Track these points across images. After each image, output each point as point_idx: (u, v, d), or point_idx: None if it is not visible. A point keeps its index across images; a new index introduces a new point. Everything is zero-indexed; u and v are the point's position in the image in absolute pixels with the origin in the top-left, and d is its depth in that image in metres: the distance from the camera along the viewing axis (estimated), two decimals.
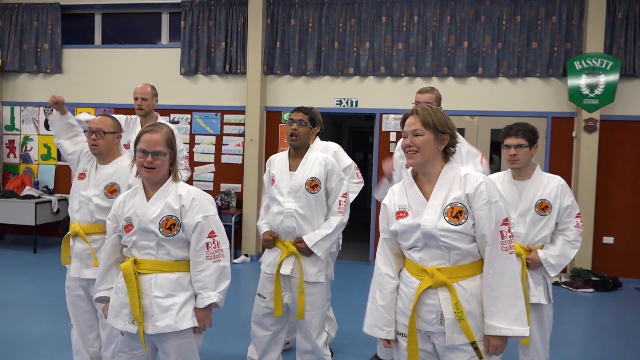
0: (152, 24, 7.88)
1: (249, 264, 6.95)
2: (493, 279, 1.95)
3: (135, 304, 2.23)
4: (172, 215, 2.28)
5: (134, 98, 4.11)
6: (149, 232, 2.28)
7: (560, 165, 6.56)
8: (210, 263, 2.29)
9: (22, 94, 7.97)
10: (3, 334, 4.16)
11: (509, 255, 1.97)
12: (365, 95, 7.07)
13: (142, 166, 2.27)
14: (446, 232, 1.97)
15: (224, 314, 2.58)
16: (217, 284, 2.30)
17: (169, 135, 2.33)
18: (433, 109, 2.08)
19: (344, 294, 5.32)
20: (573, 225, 2.90)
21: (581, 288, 6.08)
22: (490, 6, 6.66)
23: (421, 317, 2.05)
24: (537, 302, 2.85)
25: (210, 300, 2.28)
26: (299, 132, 3.06)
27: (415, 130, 2.03)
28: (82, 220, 2.99)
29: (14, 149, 8.03)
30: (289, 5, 7.11)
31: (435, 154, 2.05)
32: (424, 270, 2.02)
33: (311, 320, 3.06)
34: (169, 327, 2.25)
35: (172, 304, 2.26)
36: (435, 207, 2.01)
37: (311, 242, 3.01)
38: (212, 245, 2.30)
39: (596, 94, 6.33)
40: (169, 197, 2.31)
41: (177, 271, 2.31)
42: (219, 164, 7.46)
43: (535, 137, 2.91)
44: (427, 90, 3.56)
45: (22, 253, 7.16)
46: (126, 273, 2.26)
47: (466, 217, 1.97)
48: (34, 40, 7.76)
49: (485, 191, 1.97)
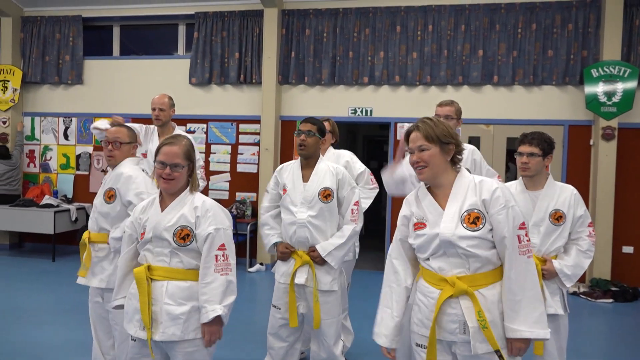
0: (169, 35, 7.99)
1: (263, 273, 6.97)
2: (513, 282, 1.96)
3: (145, 310, 2.25)
4: (186, 225, 2.30)
5: (152, 108, 4.17)
6: (163, 240, 2.31)
7: (578, 174, 6.49)
8: (217, 276, 2.27)
9: (42, 105, 8.12)
10: (22, 340, 4.21)
11: (528, 259, 1.97)
12: (380, 104, 7.08)
13: (161, 177, 2.32)
14: (465, 239, 1.97)
15: (239, 323, 2.59)
16: (222, 297, 2.27)
17: (188, 147, 2.36)
18: (434, 122, 2.08)
19: (359, 302, 5.30)
20: (586, 235, 2.88)
21: (600, 298, 5.98)
22: (505, 14, 6.65)
23: (443, 327, 2.03)
24: (554, 313, 2.81)
25: (215, 313, 2.24)
26: (307, 142, 3.08)
27: (421, 145, 2.04)
28: (90, 227, 3.08)
29: (34, 159, 8.17)
30: (303, 15, 7.17)
31: (444, 165, 2.06)
32: (444, 279, 2.02)
33: (327, 329, 3.06)
34: (175, 336, 2.26)
35: (182, 312, 2.27)
36: (452, 214, 2.02)
37: (324, 252, 3.02)
38: (222, 258, 2.29)
39: (614, 102, 6.27)
40: (185, 208, 2.34)
41: (189, 280, 2.32)
42: (234, 173, 7.51)
43: (550, 148, 2.88)
44: (447, 103, 3.56)
45: (41, 261, 7.26)
46: (138, 278, 2.29)
47: (484, 223, 1.98)
48: (55, 52, 7.91)
49: (502, 196, 1.99)
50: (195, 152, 2.47)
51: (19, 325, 4.58)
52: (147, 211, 2.41)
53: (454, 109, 3.51)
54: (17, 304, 5.19)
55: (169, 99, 4.22)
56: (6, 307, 5.09)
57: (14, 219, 7.30)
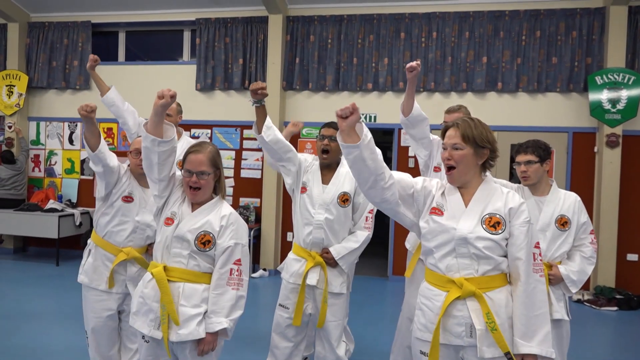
0: (174, 41, 8.04)
1: (267, 279, 6.96)
2: (527, 299, 1.95)
3: (172, 308, 2.26)
4: (210, 232, 2.32)
5: None
6: (184, 241, 2.32)
7: (582, 181, 6.48)
8: (229, 289, 2.29)
9: (48, 110, 8.17)
10: (25, 345, 4.22)
11: (540, 278, 1.98)
12: (384, 111, 7.09)
13: (188, 186, 2.34)
14: (481, 240, 1.97)
15: (242, 328, 2.60)
16: (230, 311, 2.29)
17: (213, 154, 2.38)
18: (474, 122, 2.07)
19: (363, 309, 5.30)
20: (588, 242, 2.92)
21: (605, 306, 5.95)
22: (509, 22, 6.66)
23: (448, 330, 2.00)
24: (560, 318, 2.84)
25: (221, 325, 2.26)
26: (330, 147, 3.09)
27: (455, 144, 2.04)
28: (136, 245, 3.01)
29: (39, 163, 8.21)
30: (308, 21, 7.20)
31: (474, 168, 2.06)
32: (451, 281, 2.00)
33: (333, 330, 3.08)
34: (191, 335, 2.27)
35: (197, 313, 2.28)
36: (474, 214, 2.02)
37: (338, 255, 3.05)
38: (236, 272, 2.31)
39: (618, 109, 6.26)
40: (212, 215, 2.35)
41: (204, 283, 2.33)
42: (238, 178, 7.52)
43: (546, 153, 2.92)
44: (454, 109, 3.54)
45: (45, 265, 7.28)
46: (159, 278, 2.30)
47: (503, 229, 1.98)
48: (63, 58, 7.97)
49: (527, 211, 2.01)
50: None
51: (22, 329, 4.59)
52: (179, 203, 2.39)
53: (462, 114, 3.48)
54: (20, 308, 5.20)
55: (177, 105, 4.23)
56: (10, 311, 5.11)
57: (19, 223, 7.33)
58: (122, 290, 3.00)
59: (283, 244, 7.27)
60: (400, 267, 6.79)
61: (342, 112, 1.94)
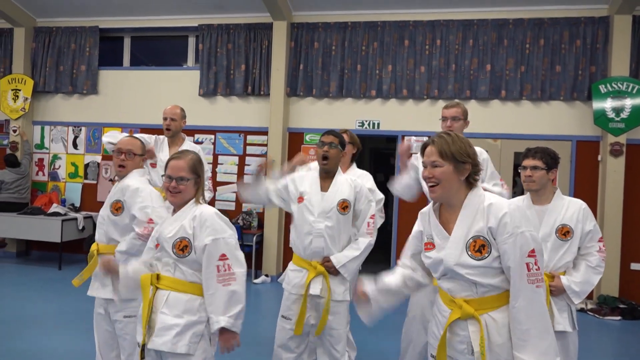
0: (179, 47, 8.08)
1: (269, 284, 6.95)
2: (520, 313, 1.86)
3: (144, 316, 2.29)
4: (185, 237, 2.32)
5: (163, 118, 4.20)
6: (165, 250, 2.36)
7: (586, 190, 6.46)
8: (219, 287, 2.26)
9: (52, 114, 8.20)
10: (27, 349, 4.22)
11: (536, 289, 1.86)
12: (387, 117, 7.10)
13: (168, 190, 2.39)
14: (468, 268, 1.92)
15: (243, 334, 2.58)
16: (226, 308, 2.26)
17: (194, 162, 2.42)
18: (452, 137, 1.99)
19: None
20: (595, 250, 2.84)
21: (608, 315, 5.92)
22: (513, 30, 6.67)
23: (453, 346, 2.01)
24: (563, 330, 2.77)
25: (219, 324, 2.24)
26: (330, 154, 3.09)
27: (434, 161, 1.97)
28: (99, 239, 3.04)
29: (43, 167, 8.24)
30: (312, 28, 7.22)
31: (457, 184, 1.98)
32: (453, 301, 1.99)
33: (338, 339, 3.07)
34: (164, 346, 2.25)
35: (175, 324, 2.26)
36: (457, 241, 1.95)
37: (339, 263, 3.03)
38: (223, 268, 2.28)
39: (622, 118, 6.25)
40: (186, 219, 2.36)
41: (190, 293, 2.32)
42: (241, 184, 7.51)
43: (554, 162, 2.88)
44: (452, 105, 3.53)
45: (48, 269, 7.28)
46: (143, 284, 2.33)
47: (489, 251, 1.90)
48: (70, 62, 8.01)
49: (510, 222, 1.87)
50: (203, 165, 2.49)
51: (24, 333, 4.59)
52: (164, 222, 2.47)
53: (460, 110, 3.48)
54: (23, 312, 5.20)
55: (181, 110, 4.25)
56: (12, 314, 5.11)
57: (22, 227, 7.34)
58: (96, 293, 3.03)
59: (285, 250, 7.26)
60: None
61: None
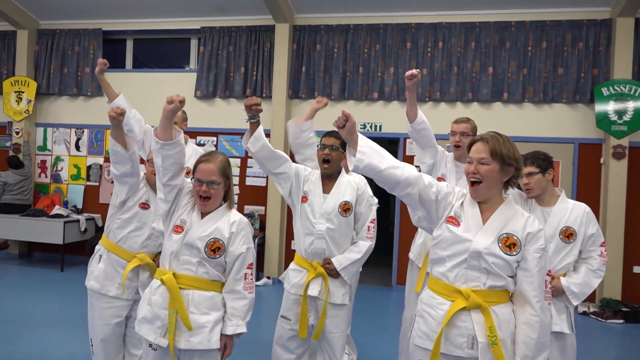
0: (182, 49, 8.10)
1: (270, 287, 6.95)
2: (537, 325, 1.95)
3: (185, 314, 2.28)
4: (219, 239, 2.34)
5: None
6: (194, 248, 2.33)
7: (588, 193, 6.44)
8: (246, 294, 2.37)
9: (55, 116, 8.23)
10: (29, 351, 4.22)
11: (548, 306, 1.99)
12: (389, 120, 7.10)
13: (199, 195, 2.36)
14: (495, 257, 1.97)
15: (245, 336, 2.56)
16: (246, 314, 2.38)
17: (224, 164, 2.40)
18: (503, 139, 2.07)
19: (366, 319, 5.27)
20: (597, 254, 2.86)
21: (611, 319, 5.90)
22: (515, 32, 6.67)
23: (450, 340, 2.00)
24: (560, 331, 2.79)
25: (241, 329, 2.35)
26: (331, 157, 3.09)
27: (482, 158, 2.04)
28: (149, 251, 3.04)
29: (45, 169, 8.26)
30: (314, 30, 7.23)
31: (498, 185, 2.06)
32: (458, 291, 2.00)
33: (336, 342, 3.06)
34: (201, 344, 2.29)
35: (206, 321, 2.31)
36: (491, 231, 2.02)
37: (340, 266, 3.03)
38: (249, 276, 2.39)
39: (624, 120, 6.24)
40: (221, 222, 2.37)
41: (212, 290, 2.35)
42: (243, 186, 7.53)
43: (547, 163, 2.89)
44: (463, 120, 3.56)
45: (50, 271, 7.29)
46: (170, 285, 2.31)
47: (518, 251, 1.98)
48: (75, 65, 8.03)
49: (543, 239, 2.00)
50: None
51: (26, 335, 4.59)
52: (188, 211, 2.41)
53: (470, 126, 3.53)
54: (24, 314, 5.21)
55: (182, 112, 4.26)
56: (14, 316, 5.11)
57: (24, 229, 7.35)
58: (132, 296, 3.01)
59: (287, 252, 7.26)
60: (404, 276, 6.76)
61: (337, 122, 2.06)
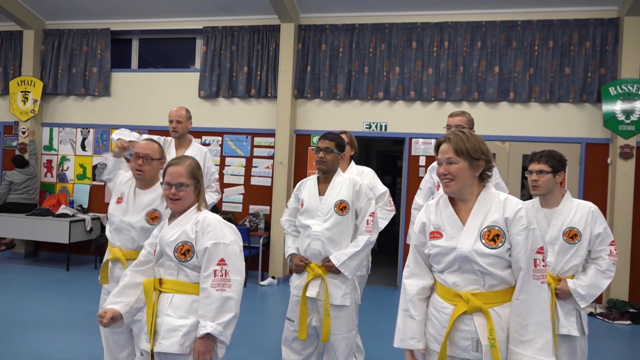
0: (187, 49, 8.11)
1: (275, 287, 6.95)
2: (522, 306, 1.92)
3: (149, 321, 2.28)
4: (187, 241, 2.31)
5: (169, 121, 4.20)
6: (167, 255, 2.34)
7: (595, 193, 6.40)
8: (213, 291, 2.22)
9: (61, 116, 8.25)
10: (34, 350, 4.23)
11: (541, 285, 1.93)
12: (395, 120, 7.08)
13: (168, 197, 2.37)
14: (482, 256, 1.95)
15: (250, 336, 2.56)
16: (216, 314, 2.20)
17: (192, 167, 2.40)
18: (466, 135, 2.06)
19: (371, 319, 5.26)
20: (606, 254, 2.80)
21: (618, 320, 5.86)
22: (521, 32, 6.63)
23: (455, 343, 2.00)
24: (567, 334, 2.75)
25: (205, 330, 2.18)
26: (325, 159, 3.10)
27: (449, 158, 2.03)
28: (123, 246, 2.98)
29: (51, 169, 8.28)
30: (320, 30, 7.22)
31: (471, 180, 2.05)
32: (458, 295, 2.00)
33: (337, 344, 3.04)
34: (172, 348, 2.24)
35: (182, 325, 2.25)
36: (472, 230, 2.00)
37: (338, 262, 3.01)
38: (220, 273, 2.24)
39: (632, 120, 6.20)
40: (188, 224, 2.35)
41: (194, 294, 2.31)
42: (248, 185, 7.53)
43: (560, 165, 2.85)
44: (458, 113, 3.56)
45: (56, 270, 7.31)
46: (146, 289, 2.33)
47: (503, 241, 1.96)
48: (83, 64, 8.05)
49: (525, 217, 1.96)
50: (209, 162, 2.49)
51: (31, 334, 4.61)
52: (162, 228, 2.45)
53: (465, 119, 3.50)
54: (30, 313, 5.22)
55: (186, 111, 4.26)
56: (19, 315, 5.13)
57: (30, 228, 7.38)
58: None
59: None
60: None
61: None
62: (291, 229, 3.29)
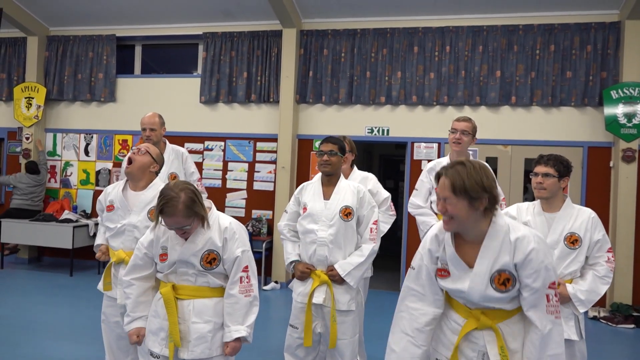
0: (190, 54, 8.15)
1: (278, 291, 6.95)
2: (538, 341, 1.86)
3: (176, 329, 2.29)
4: (213, 250, 2.34)
5: (142, 129, 4.17)
6: (188, 264, 2.33)
7: (597, 196, 6.40)
8: (241, 297, 2.35)
9: (64, 122, 8.29)
10: (38, 354, 4.24)
11: (555, 320, 1.87)
12: (397, 124, 7.09)
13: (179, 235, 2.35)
14: (493, 301, 1.91)
15: (254, 341, 2.56)
16: (245, 318, 2.36)
17: (185, 209, 2.25)
18: (467, 169, 1.86)
19: (374, 323, 5.25)
20: (604, 261, 2.81)
21: (622, 324, 5.84)
22: (523, 36, 6.65)
23: (463, 353, 1.99)
24: (567, 338, 2.72)
25: (239, 334, 2.32)
26: (330, 162, 3.09)
27: (446, 197, 1.88)
28: (126, 247, 2.96)
29: (55, 174, 8.31)
30: (322, 35, 7.25)
31: (473, 218, 1.88)
32: (470, 312, 1.98)
33: (344, 349, 3.04)
34: (204, 354, 2.30)
35: (209, 330, 2.33)
36: (482, 274, 1.89)
37: (344, 272, 3.00)
38: (245, 279, 2.37)
39: (634, 123, 6.20)
40: (211, 232, 2.34)
41: (215, 297, 2.36)
42: (250, 190, 7.55)
43: (566, 170, 2.86)
44: (464, 119, 3.62)
45: (59, 275, 7.33)
46: (167, 298, 2.32)
47: (514, 284, 1.87)
48: (88, 70, 8.09)
49: (535, 259, 1.84)
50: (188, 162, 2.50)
51: (35, 339, 4.62)
52: (168, 235, 2.40)
53: (471, 125, 3.58)
54: (34, 318, 5.24)
55: (159, 117, 4.24)
56: (23, 321, 5.15)
57: (34, 233, 7.41)
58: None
59: None
60: None
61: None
62: (290, 234, 3.24)
